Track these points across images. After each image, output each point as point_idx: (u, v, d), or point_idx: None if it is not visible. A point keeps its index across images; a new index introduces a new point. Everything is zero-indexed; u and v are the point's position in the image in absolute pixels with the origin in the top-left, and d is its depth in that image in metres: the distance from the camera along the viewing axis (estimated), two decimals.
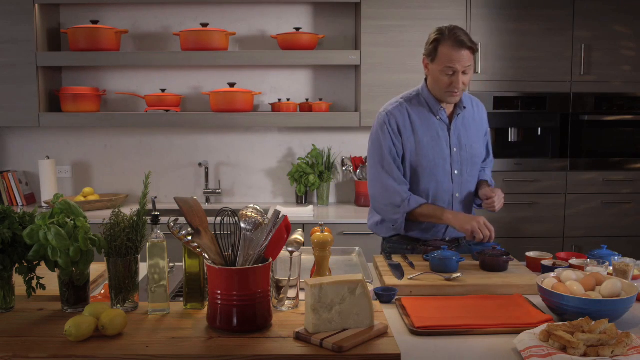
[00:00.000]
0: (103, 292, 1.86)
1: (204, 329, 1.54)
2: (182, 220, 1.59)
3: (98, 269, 2.05)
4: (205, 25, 3.69)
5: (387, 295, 1.81)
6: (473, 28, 3.62)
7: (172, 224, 1.58)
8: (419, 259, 2.22)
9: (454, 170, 2.36)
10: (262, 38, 3.93)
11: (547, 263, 2.07)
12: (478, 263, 2.14)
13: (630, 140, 3.85)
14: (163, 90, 3.83)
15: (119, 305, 1.66)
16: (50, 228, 1.57)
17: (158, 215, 1.68)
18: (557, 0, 3.65)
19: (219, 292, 1.52)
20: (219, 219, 1.56)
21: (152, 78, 3.94)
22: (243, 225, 1.56)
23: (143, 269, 1.81)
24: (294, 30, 3.72)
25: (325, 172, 3.88)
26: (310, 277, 1.93)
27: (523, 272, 2.07)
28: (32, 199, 3.94)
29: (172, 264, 2.17)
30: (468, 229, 2.17)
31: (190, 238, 1.57)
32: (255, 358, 1.39)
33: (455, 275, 1.97)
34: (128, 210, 1.81)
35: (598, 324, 1.45)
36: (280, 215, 1.61)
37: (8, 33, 3.56)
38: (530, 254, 2.20)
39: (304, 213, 3.57)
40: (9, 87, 3.60)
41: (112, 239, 1.65)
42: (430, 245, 2.23)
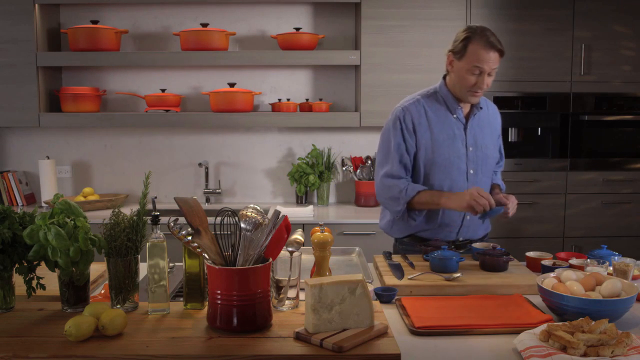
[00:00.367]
0: (103, 292, 1.86)
1: (204, 329, 1.54)
2: (182, 220, 1.60)
3: (98, 269, 2.05)
4: (205, 25, 3.69)
5: (387, 295, 1.81)
6: None
7: (172, 224, 1.58)
8: (419, 259, 2.22)
9: (470, 170, 2.35)
10: (262, 38, 3.93)
11: (547, 263, 2.07)
12: (478, 263, 2.14)
13: (630, 140, 3.85)
14: (163, 90, 3.83)
15: (119, 305, 1.66)
16: (50, 228, 1.57)
17: (158, 215, 1.68)
18: (557, 0, 3.65)
19: (219, 292, 1.52)
20: (219, 219, 1.56)
21: (152, 78, 3.94)
22: (243, 225, 1.56)
23: (143, 269, 1.81)
24: (294, 30, 3.72)
25: (325, 172, 3.87)
26: (310, 277, 1.93)
27: (523, 272, 2.07)
28: (32, 199, 3.94)
29: (172, 264, 2.17)
30: (465, 207, 2.15)
31: (190, 238, 1.57)
32: (255, 358, 1.39)
33: (455, 275, 1.97)
34: (128, 210, 1.81)
35: (598, 324, 1.45)
36: (280, 215, 1.61)
37: (8, 33, 3.56)
38: (530, 254, 2.20)
39: (304, 213, 3.57)
40: (9, 87, 3.59)
41: (112, 239, 1.65)
42: (431, 245, 2.23)
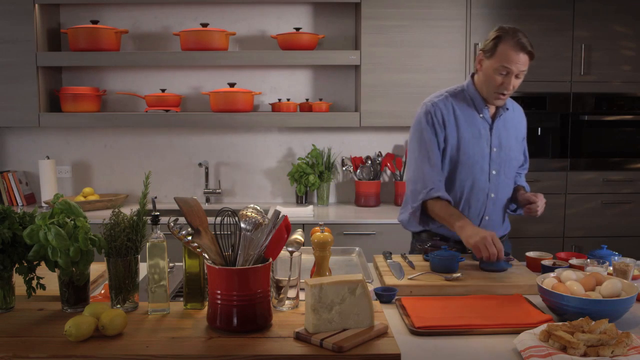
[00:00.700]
0: (103, 292, 1.86)
1: (204, 329, 1.54)
2: (182, 220, 1.60)
3: (98, 269, 2.05)
4: (205, 25, 3.69)
5: (387, 295, 1.81)
6: (473, 28, 3.61)
7: (172, 224, 1.58)
8: (419, 259, 2.22)
9: (492, 170, 2.32)
10: (262, 38, 3.93)
11: (547, 263, 2.07)
12: (478, 263, 2.14)
13: (630, 140, 3.85)
14: (163, 90, 3.82)
15: (119, 305, 1.66)
16: (50, 228, 1.57)
17: (158, 215, 1.68)
18: (557, 0, 3.65)
19: (219, 292, 1.52)
20: (219, 219, 1.56)
21: (152, 78, 3.94)
22: (243, 225, 1.56)
23: (143, 269, 1.81)
24: (294, 30, 3.72)
25: (325, 172, 3.87)
26: (310, 277, 1.93)
27: (523, 272, 2.07)
28: (32, 199, 3.94)
29: (172, 264, 2.17)
30: (471, 244, 2.04)
31: (190, 238, 1.57)
32: (255, 358, 1.39)
33: (456, 275, 1.97)
34: (128, 210, 1.81)
35: (598, 324, 1.45)
36: (280, 215, 1.61)
37: (8, 33, 3.56)
38: (530, 254, 2.20)
39: (304, 213, 3.57)
40: (9, 87, 3.59)
41: (112, 239, 1.65)
42: (431, 245, 2.23)
